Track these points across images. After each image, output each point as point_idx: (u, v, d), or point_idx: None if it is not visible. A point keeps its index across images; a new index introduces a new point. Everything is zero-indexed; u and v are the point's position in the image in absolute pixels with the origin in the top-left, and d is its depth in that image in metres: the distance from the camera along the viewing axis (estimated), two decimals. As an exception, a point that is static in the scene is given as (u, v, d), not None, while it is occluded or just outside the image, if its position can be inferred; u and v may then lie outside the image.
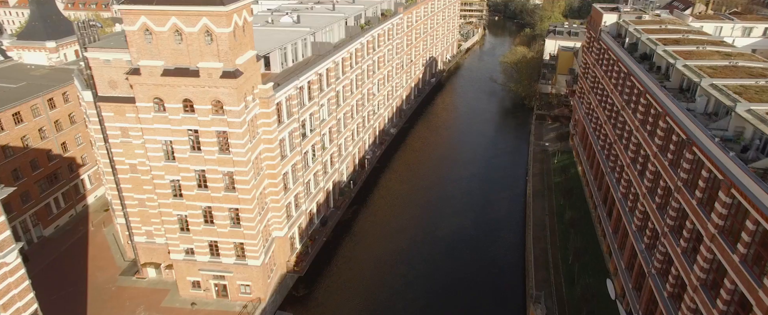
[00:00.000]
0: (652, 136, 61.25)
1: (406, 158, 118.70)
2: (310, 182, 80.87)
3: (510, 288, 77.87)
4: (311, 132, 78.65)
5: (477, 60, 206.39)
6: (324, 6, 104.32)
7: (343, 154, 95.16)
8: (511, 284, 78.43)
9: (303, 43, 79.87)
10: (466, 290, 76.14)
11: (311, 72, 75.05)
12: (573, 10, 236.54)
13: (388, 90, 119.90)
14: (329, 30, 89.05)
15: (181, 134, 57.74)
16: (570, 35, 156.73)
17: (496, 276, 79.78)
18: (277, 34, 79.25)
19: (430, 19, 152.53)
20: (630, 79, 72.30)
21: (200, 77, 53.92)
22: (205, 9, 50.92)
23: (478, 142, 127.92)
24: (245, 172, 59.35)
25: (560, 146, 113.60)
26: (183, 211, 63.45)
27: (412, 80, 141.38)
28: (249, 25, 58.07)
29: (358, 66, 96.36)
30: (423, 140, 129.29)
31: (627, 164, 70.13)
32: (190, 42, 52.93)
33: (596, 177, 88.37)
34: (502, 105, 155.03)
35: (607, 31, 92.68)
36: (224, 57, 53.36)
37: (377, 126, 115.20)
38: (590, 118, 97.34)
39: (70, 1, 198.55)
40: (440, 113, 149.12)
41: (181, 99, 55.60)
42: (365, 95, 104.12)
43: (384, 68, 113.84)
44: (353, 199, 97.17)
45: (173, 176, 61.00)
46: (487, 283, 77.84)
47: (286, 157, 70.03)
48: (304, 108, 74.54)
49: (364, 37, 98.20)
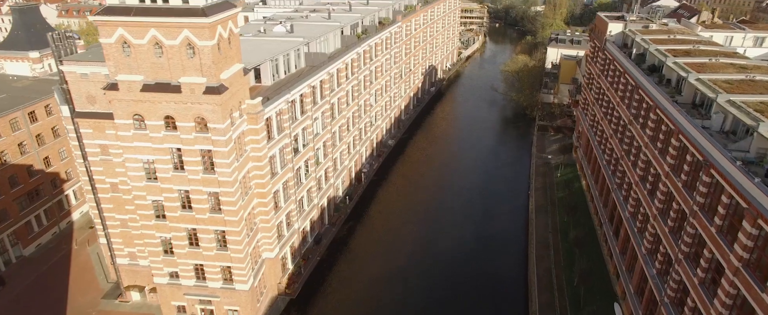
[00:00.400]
0: (663, 154, 57.76)
1: (405, 171, 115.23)
2: (303, 199, 77.38)
3: (512, 312, 74.24)
4: (304, 147, 75.23)
5: (477, 68, 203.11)
6: (320, 14, 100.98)
7: (339, 169, 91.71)
8: (514, 307, 74.87)
9: (296, 54, 76.55)
10: (465, 314, 72.57)
11: (304, 85, 71.64)
12: (574, 17, 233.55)
13: (386, 100, 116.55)
14: (324, 40, 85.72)
15: (163, 153, 54.25)
16: (572, 43, 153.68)
17: (497, 298, 76.25)
18: (269, 44, 75.86)
19: (430, 27, 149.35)
20: (638, 92, 68.89)
21: (182, 93, 50.46)
22: (186, 21, 47.52)
23: (478, 154, 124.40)
24: (231, 193, 55.84)
25: (563, 159, 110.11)
26: (166, 233, 59.87)
27: (411, 90, 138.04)
28: (235, 37, 54.66)
29: (354, 77, 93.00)
30: (422, 151, 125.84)
31: (635, 182, 66.62)
32: (171, 55, 49.51)
33: (601, 193, 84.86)
34: (503, 114, 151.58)
35: (612, 40, 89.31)
36: (207, 71, 49.92)
37: (375, 138, 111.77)
38: (595, 131, 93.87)
39: (64, 8, 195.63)
40: (440, 123, 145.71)
41: (163, 116, 52.14)
42: (362, 106, 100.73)
43: (382, 78, 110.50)
44: (349, 214, 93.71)
45: (155, 197, 57.47)
46: (488, 306, 74.26)
47: (276, 175, 66.55)
48: (296, 122, 71.11)
49: (361, 46, 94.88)
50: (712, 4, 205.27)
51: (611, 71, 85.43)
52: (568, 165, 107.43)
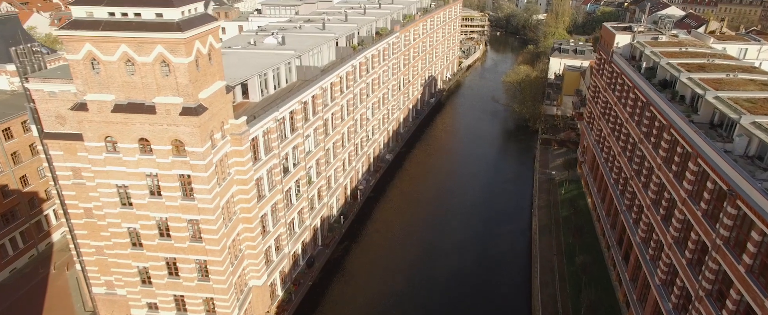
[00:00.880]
0: (678, 177, 53.53)
1: (403, 187, 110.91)
2: (294, 221, 73.18)
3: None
4: (295, 166, 71.03)
5: (478, 78, 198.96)
6: (314, 24, 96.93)
7: (333, 187, 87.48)
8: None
9: (287, 67, 72.52)
10: (466, 344, 68.27)
11: (294, 101, 67.50)
12: (577, 25, 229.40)
13: (384, 114, 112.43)
14: (317, 52, 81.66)
15: (138, 178, 50.06)
16: (576, 53, 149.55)
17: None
18: (259, 57, 71.80)
19: (430, 36, 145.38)
20: (649, 109, 64.69)
21: (157, 114, 46.33)
22: (159, 36, 43.41)
23: (479, 169, 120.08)
24: (212, 221, 51.60)
25: (567, 175, 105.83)
26: (144, 262, 55.64)
27: (409, 101, 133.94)
28: (217, 53, 50.51)
29: (349, 90, 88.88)
30: (421, 166, 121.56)
31: (647, 206, 62.34)
32: (144, 74, 45.39)
33: (609, 213, 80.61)
34: (504, 127, 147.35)
35: (619, 52, 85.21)
36: (184, 91, 45.78)
37: (372, 153, 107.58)
38: (601, 148, 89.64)
39: (57, 17, 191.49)
40: (440, 136, 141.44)
41: (137, 138, 47.96)
42: (358, 121, 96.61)
43: (379, 91, 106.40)
44: (344, 234, 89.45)
45: (131, 224, 53.26)
46: (490, 336, 69.93)
47: (264, 198, 62.33)
48: (285, 141, 66.92)
49: (357, 58, 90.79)
50: (718, 12, 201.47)
51: (619, 85, 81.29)
52: (572, 181, 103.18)
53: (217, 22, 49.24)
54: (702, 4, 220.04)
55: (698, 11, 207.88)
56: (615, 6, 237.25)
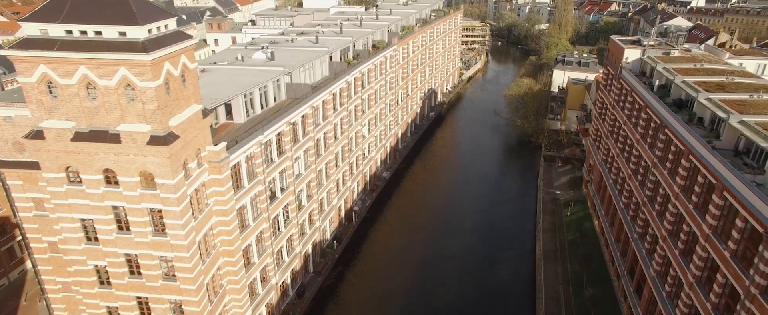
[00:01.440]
0: (700, 211, 48.68)
1: (401, 206, 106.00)
2: (282, 250, 68.38)
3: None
4: (283, 192, 66.22)
5: (479, 89, 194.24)
6: (307, 38, 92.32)
7: (326, 210, 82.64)
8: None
9: (275, 85, 67.94)
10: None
11: (281, 122, 62.77)
12: (580, 36, 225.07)
13: (381, 130, 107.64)
14: (309, 68, 77.07)
15: (104, 212, 45.26)
16: (580, 66, 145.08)
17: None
18: (245, 74, 67.23)
19: (429, 48, 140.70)
20: (664, 131, 59.91)
21: (122, 143, 41.54)
22: (122, 57, 38.70)
23: (480, 187, 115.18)
24: (187, 258, 46.74)
25: (573, 195, 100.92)
26: (113, 301, 50.78)
27: (408, 116, 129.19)
28: (192, 74, 45.76)
29: (343, 108, 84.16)
30: (420, 184, 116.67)
31: (662, 237, 57.46)
32: (106, 98, 40.66)
33: (618, 239, 75.72)
34: (506, 141, 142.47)
35: (628, 68, 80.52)
36: (152, 118, 41.02)
37: (368, 171, 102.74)
38: (609, 168, 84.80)
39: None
40: (439, 151, 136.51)
41: (100, 169, 43.18)
42: (353, 139, 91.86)
43: (376, 106, 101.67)
44: (337, 259, 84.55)
45: (98, 261, 48.44)
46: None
47: (247, 228, 57.54)
48: (272, 166, 62.15)
49: (352, 73, 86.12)
50: (724, 23, 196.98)
51: (628, 103, 76.52)
52: (578, 202, 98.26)
53: (192, 41, 44.52)
54: (707, 14, 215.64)
55: (704, 21, 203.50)
56: (619, 16, 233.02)
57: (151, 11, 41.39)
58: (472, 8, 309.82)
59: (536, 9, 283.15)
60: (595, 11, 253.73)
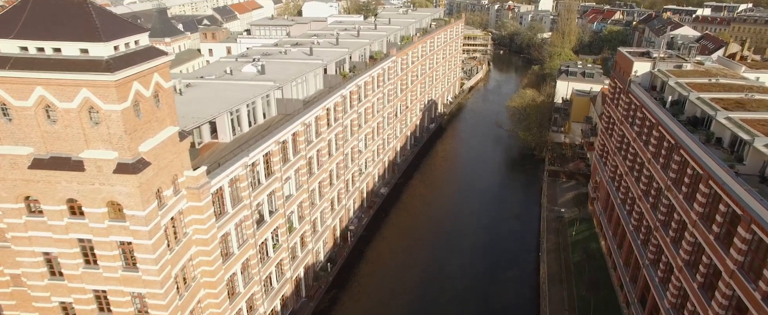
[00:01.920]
0: (723, 243, 44.58)
1: (399, 223, 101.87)
2: (271, 276, 64.32)
3: None
4: (272, 215, 62.16)
5: (481, 100, 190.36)
6: (301, 49, 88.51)
7: (319, 230, 78.59)
8: None
9: (264, 101, 64.14)
10: None
11: (270, 141, 58.76)
12: (583, 45, 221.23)
13: (379, 144, 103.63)
14: (302, 82, 73.36)
15: (69, 244, 41.25)
16: (584, 77, 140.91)
17: None
18: (233, 89, 63.47)
19: (430, 58, 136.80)
20: (678, 152, 55.87)
21: (86, 171, 37.55)
22: (83, 77, 34.80)
23: (481, 203, 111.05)
24: (161, 295, 42.70)
25: (578, 213, 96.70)
26: (82, 340, 46.63)
27: (408, 128, 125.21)
28: (167, 94, 41.80)
29: (338, 123, 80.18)
30: (419, 199, 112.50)
31: (678, 267, 53.36)
32: (67, 122, 36.74)
33: (627, 263, 71.63)
34: (508, 154, 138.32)
35: (638, 82, 76.55)
36: (119, 143, 37.06)
37: (365, 187, 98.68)
38: (617, 187, 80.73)
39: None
40: (440, 165, 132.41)
41: (63, 199, 39.20)
42: (349, 155, 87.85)
43: (373, 120, 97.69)
44: (332, 282, 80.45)
45: (63, 298, 44.38)
46: None
47: (232, 257, 53.47)
48: (259, 188, 58.13)
49: (347, 87, 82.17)
50: (731, 32, 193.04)
51: (638, 119, 72.48)
52: (583, 220, 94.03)
53: (166, 58, 40.61)
54: (713, 23, 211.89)
55: (710, 31, 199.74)
56: (623, 25, 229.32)
57: (118, 26, 37.46)
58: (473, 16, 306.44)
59: (539, 17, 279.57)
60: (599, 20, 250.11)
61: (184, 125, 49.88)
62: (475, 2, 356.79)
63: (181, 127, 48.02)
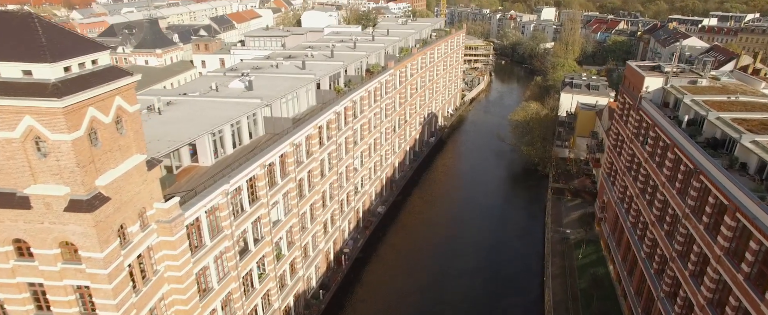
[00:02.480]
0: (755, 284, 39.86)
1: (397, 243, 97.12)
2: (257, 308, 59.67)
3: None
4: (257, 243, 57.53)
5: (483, 111, 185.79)
6: (294, 62, 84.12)
7: (311, 255, 74.00)
8: None
9: (251, 120, 59.76)
10: None
11: (254, 165, 54.18)
12: (586, 55, 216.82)
13: (376, 160, 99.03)
14: (293, 98, 68.95)
15: (17, 290, 36.62)
16: (589, 89, 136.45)
17: None
18: (217, 108, 59.13)
19: (430, 70, 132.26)
20: (699, 178, 51.25)
21: (33, 209, 32.99)
22: (25, 103, 30.31)
23: (483, 222, 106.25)
24: (125, 344, 37.95)
25: (584, 234, 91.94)
26: (40, 390, 41.90)
27: (407, 143, 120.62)
28: (132, 119, 37.28)
29: (331, 141, 75.68)
30: (419, 217, 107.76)
31: (699, 305, 48.63)
32: (10, 153, 32.25)
33: (639, 293, 66.93)
34: (511, 170, 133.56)
35: (649, 98, 72.01)
36: (70, 178, 32.53)
37: (361, 207, 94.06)
38: (627, 209, 76.07)
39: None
40: (440, 180, 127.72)
41: (9, 239, 34.59)
42: (343, 174, 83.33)
43: (369, 136, 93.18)
44: (324, 310, 75.64)
45: (16, 346, 39.64)
46: None
47: (210, 292, 48.87)
48: (242, 216, 53.53)
49: (342, 102, 77.71)
50: (738, 43, 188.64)
51: (651, 139, 67.88)
52: (590, 242, 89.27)
53: (130, 79, 36.12)
54: (720, 33, 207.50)
55: (716, 41, 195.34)
56: (627, 35, 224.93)
57: (71, 43, 33.02)
58: (475, 26, 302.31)
59: (541, 27, 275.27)
60: (603, 30, 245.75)
61: (159, 150, 45.50)
62: (477, 11, 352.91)
63: (155, 152, 43.78)
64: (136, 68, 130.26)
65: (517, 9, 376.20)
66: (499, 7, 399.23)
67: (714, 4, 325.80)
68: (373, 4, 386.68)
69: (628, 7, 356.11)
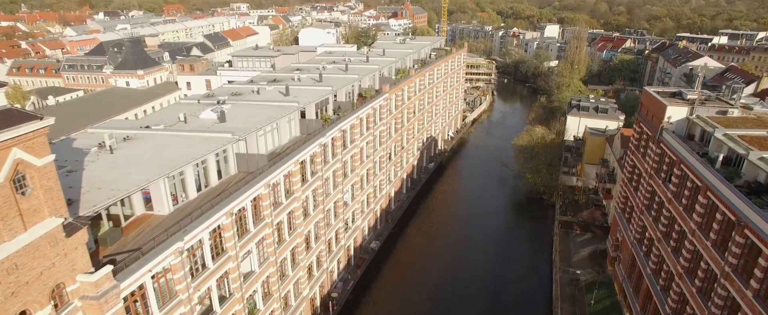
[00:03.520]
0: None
1: (392, 282, 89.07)
2: (224, 377, 51.29)
3: None
4: (223, 303, 49.68)
5: (485, 134, 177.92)
6: (278, 86, 76.50)
7: (293, 305, 66.05)
8: None
9: (221, 157, 52.07)
10: None
11: (220, 214, 46.31)
12: (592, 74, 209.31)
13: (369, 192, 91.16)
14: (272, 130, 61.15)
15: None
16: (597, 112, 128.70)
17: None
18: (181, 144, 51.51)
19: (429, 92, 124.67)
20: (743, 233, 43.21)
21: None
22: None
23: (485, 258, 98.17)
24: None
25: (596, 274, 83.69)
26: None
27: (403, 171, 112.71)
28: (43, 174, 29.44)
29: (317, 177, 67.87)
30: (416, 252, 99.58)
31: (747, 387, 40.32)
32: None
33: (666, 352, 58.53)
34: (514, 198, 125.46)
35: (671, 129, 64.09)
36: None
37: (352, 244, 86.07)
38: (646, 253, 67.95)
39: (15, 66, 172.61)
40: (439, 209, 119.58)
41: None
42: (331, 210, 75.55)
43: (362, 167, 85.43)
44: (308, 367, 67.40)
45: None
46: None
47: (159, 372, 40.64)
48: (203, 275, 45.53)
49: (329, 133, 70.00)
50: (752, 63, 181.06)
51: (676, 177, 59.91)
52: (603, 284, 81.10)
53: (37, 124, 28.28)
54: (731, 52, 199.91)
55: (728, 60, 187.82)
56: (634, 53, 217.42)
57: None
58: (477, 43, 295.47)
59: (545, 45, 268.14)
60: (609, 48, 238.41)
61: (96, 202, 37.63)
62: (479, 28, 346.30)
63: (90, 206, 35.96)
64: (115, 90, 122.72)
65: (519, 26, 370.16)
66: (502, 24, 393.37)
67: (721, 22, 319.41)
68: (373, 21, 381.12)
69: (633, 24, 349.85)
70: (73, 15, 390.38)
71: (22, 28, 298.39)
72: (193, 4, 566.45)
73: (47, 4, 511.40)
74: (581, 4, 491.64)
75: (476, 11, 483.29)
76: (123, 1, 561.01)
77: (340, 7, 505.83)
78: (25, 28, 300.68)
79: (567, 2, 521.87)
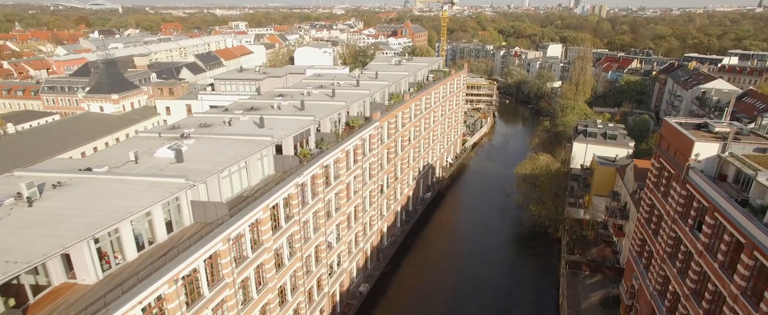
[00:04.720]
0: None
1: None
2: None
3: None
4: (167, 388, 40.61)
5: (485, 159, 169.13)
6: (253, 116, 68.12)
7: (264, 372, 56.92)
8: None
9: (172, 207, 43.47)
10: None
11: (162, 281, 37.73)
12: (597, 96, 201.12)
13: (358, 230, 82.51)
14: (238, 169, 52.73)
15: None
16: (606, 139, 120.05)
17: None
18: (122, 192, 43.02)
19: (426, 117, 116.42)
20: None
21: None
22: None
23: (485, 301, 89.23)
24: None
25: (612, 325, 74.86)
26: None
27: (398, 203, 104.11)
28: None
29: (293, 221, 59.32)
30: (409, 294, 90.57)
31: None
32: None
33: None
34: (517, 232, 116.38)
35: (700, 169, 55.63)
36: None
37: (337, 289, 77.28)
38: (670, 309, 59.15)
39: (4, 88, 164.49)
40: (436, 244, 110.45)
41: None
42: (312, 256, 66.93)
43: (349, 204, 76.95)
44: None
45: None
46: None
47: None
48: (133, 362, 36.72)
49: (308, 171, 61.51)
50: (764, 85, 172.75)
51: (708, 227, 51.34)
52: (620, 338, 72.24)
53: None
54: (742, 73, 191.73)
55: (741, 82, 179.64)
56: (641, 74, 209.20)
57: None
58: (477, 63, 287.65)
59: (547, 65, 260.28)
60: (614, 68, 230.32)
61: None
62: (480, 48, 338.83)
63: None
64: (88, 116, 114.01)
65: (521, 45, 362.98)
66: (503, 43, 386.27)
67: (729, 42, 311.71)
68: (372, 40, 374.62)
69: (637, 44, 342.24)
70: (66, 34, 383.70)
71: (11, 47, 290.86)
72: (192, 23, 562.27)
73: (44, 22, 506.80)
74: (584, 23, 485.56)
75: (477, 30, 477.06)
76: (120, 20, 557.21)
77: (340, 25, 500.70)
78: (15, 47, 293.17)
79: (569, 21, 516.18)
